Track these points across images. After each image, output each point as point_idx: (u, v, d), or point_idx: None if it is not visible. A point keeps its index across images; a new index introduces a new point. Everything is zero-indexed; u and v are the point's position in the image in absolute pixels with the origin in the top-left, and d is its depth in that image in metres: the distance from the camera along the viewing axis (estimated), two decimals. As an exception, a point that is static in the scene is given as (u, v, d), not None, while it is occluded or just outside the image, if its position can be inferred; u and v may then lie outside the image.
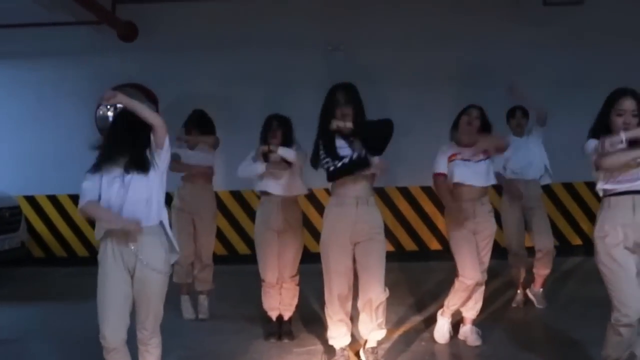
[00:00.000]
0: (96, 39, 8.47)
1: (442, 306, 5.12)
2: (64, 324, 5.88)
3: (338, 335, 4.50)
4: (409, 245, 8.60)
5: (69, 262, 8.84)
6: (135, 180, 3.48)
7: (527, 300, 6.09)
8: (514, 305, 6.08)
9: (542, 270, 5.99)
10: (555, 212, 7.91)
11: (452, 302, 4.97)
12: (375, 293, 4.35)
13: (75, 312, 6.13)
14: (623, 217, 3.62)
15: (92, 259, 8.52)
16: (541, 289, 6.05)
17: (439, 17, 8.33)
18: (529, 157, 5.95)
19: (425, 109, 7.78)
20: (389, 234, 8.16)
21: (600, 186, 3.73)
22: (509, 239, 6.06)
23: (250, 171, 5.22)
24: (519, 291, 6.11)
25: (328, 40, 8.48)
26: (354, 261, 4.45)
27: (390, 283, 4.51)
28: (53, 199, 8.88)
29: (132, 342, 3.66)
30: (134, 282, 3.56)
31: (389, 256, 4.47)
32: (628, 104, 3.66)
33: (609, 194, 3.70)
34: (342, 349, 4.56)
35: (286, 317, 5.31)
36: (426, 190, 8.11)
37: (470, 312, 5.03)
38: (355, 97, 4.41)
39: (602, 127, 3.74)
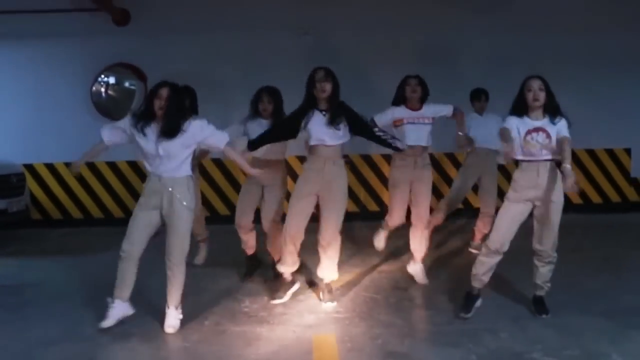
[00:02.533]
0: (92, 23, 9.17)
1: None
2: (63, 276, 6.63)
3: (291, 262, 5.29)
4: (372, 206, 9.59)
5: (64, 224, 9.58)
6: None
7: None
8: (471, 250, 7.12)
9: (483, 229, 7.02)
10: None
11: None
12: (329, 235, 5.18)
13: (72, 266, 6.96)
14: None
15: (85, 221, 9.35)
16: (480, 242, 6.98)
17: (400, 5, 9.18)
18: (488, 130, 6.66)
19: (390, 85, 8.62)
20: (354, 197, 9.16)
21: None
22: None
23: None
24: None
25: (298, 24, 9.26)
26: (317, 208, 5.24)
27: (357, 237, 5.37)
28: (50, 166, 9.61)
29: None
30: (166, 216, 4.50)
31: (354, 216, 5.30)
32: (535, 83, 4.65)
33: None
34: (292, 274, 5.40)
35: (276, 258, 5.78)
36: (386, 157, 8.86)
37: (419, 252, 5.92)
38: (333, 75, 5.10)
39: (519, 104, 4.74)
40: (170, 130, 4.42)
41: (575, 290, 5.44)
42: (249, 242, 6.17)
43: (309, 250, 5.54)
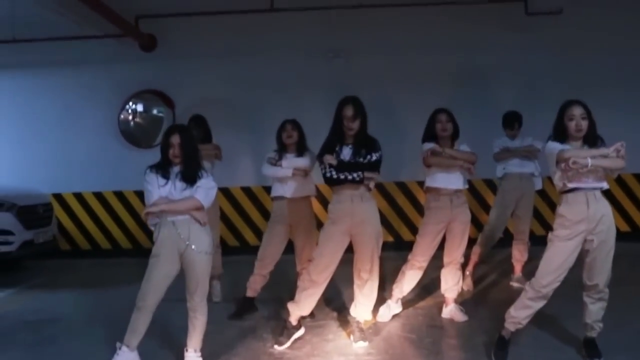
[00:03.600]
0: (119, 49, 9.08)
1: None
2: (86, 310, 6.48)
3: (306, 306, 4.94)
4: (407, 235, 9.16)
5: (92, 254, 9.43)
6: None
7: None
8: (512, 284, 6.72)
9: (521, 257, 6.70)
10: (540, 202, 8.45)
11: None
12: (366, 272, 4.88)
13: (97, 300, 6.81)
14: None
15: (114, 252, 9.25)
16: (520, 274, 6.73)
17: (432, 27, 8.90)
18: (521, 156, 6.58)
19: (421, 108, 8.34)
20: (388, 226, 8.84)
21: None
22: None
23: (275, 173, 5.67)
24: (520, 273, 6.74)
25: (330, 47, 9.05)
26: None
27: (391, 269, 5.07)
28: (78, 196, 9.47)
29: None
30: (184, 262, 4.30)
31: (386, 245, 5.03)
32: (577, 110, 4.27)
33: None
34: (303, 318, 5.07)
35: None
36: (420, 183, 8.49)
37: (451, 292, 5.58)
38: (361, 110, 4.82)
39: (558, 131, 4.38)
40: (191, 178, 4.31)
41: (626, 329, 4.97)
42: (257, 283, 5.87)
43: (340, 281, 5.21)
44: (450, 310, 5.60)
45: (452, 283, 5.55)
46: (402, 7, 8.44)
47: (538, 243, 6.71)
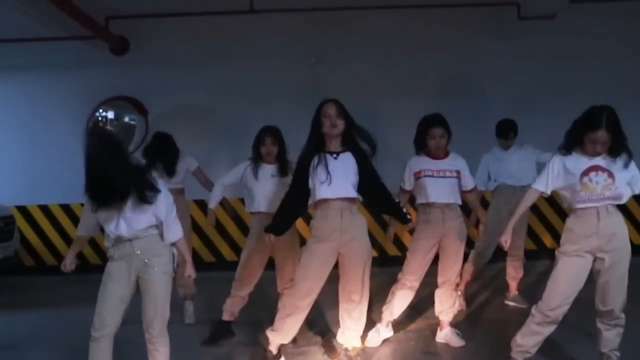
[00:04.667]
0: (89, 53, 8.56)
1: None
2: (56, 331, 5.99)
3: (286, 333, 4.47)
4: (393, 250, 8.76)
5: (59, 271, 8.77)
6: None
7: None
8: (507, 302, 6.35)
9: (516, 275, 6.32)
10: (532, 217, 8.13)
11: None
12: (356, 295, 4.42)
13: (67, 319, 6.30)
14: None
15: (81, 268, 8.70)
16: (517, 292, 6.35)
17: (419, 32, 8.53)
18: (515, 165, 6.21)
19: (406, 117, 8.01)
20: (372, 241, 8.40)
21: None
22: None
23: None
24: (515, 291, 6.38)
25: (312, 53, 8.64)
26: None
27: (376, 288, 4.66)
28: (44, 208, 8.94)
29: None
30: (141, 285, 3.80)
31: (372, 262, 4.60)
32: (601, 135, 3.82)
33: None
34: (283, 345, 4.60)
35: None
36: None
37: (447, 315, 5.16)
38: (344, 110, 4.41)
39: (574, 138, 3.97)
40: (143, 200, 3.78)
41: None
42: (235, 306, 5.38)
43: (323, 300, 4.77)
44: (445, 335, 5.17)
45: (447, 305, 5.11)
46: (389, 9, 8.03)
47: (530, 258, 6.43)
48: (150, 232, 3.82)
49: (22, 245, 8.71)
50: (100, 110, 8.88)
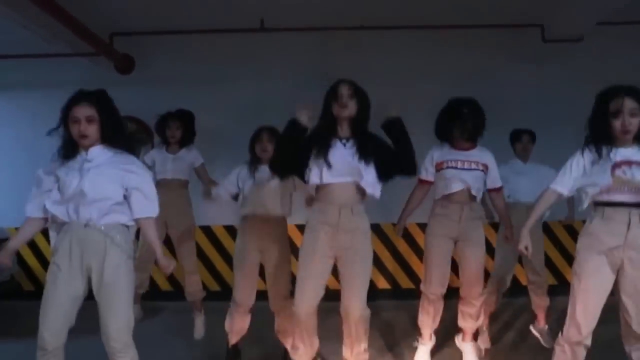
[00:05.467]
0: (93, 70, 8.24)
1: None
2: None
3: (307, 349, 4.18)
4: (404, 282, 8.35)
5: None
6: None
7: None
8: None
9: (542, 303, 5.91)
10: (552, 249, 7.79)
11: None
12: (357, 308, 4.04)
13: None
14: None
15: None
16: (546, 326, 5.89)
17: (439, 54, 8.21)
18: (532, 180, 5.74)
19: (424, 144, 7.68)
20: (384, 271, 8.03)
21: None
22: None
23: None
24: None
25: (325, 74, 8.29)
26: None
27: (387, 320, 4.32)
28: (45, 231, 8.52)
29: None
30: (94, 284, 3.35)
31: (386, 294, 4.28)
32: (628, 103, 3.47)
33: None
34: None
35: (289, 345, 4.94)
36: (421, 226, 7.88)
37: (470, 330, 4.93)
38: (361, 93, 4.22)
39: (598, 131, 3.57)
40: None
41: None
42: (240, 327, 5.04)
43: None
44: (464, 348, 4.96)
45: (471, 321, 4.84)
46: (407, 29, 7.66)
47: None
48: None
49: (22, 269, 8.42)
50: (105, 131, 8.55)
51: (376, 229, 7.76)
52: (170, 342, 5.97)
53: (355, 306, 4.02)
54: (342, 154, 4.02)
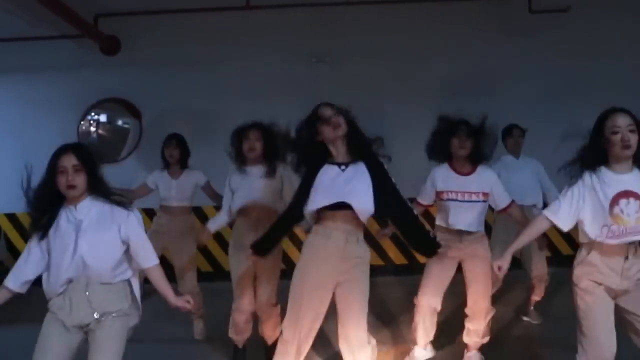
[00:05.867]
0: (78, 53, 8.18)
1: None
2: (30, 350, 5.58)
3: None
4: (399, 259, 8.37)
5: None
6: None
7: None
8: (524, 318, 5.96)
9: (534, 297, 5.91)
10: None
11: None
12: (359, 336, 3.73)
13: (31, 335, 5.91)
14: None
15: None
16: (532, 307, 5.96)
17: (424, 28, 8.15)
18: (524, 180, 5.69)
19: (412, 119, 7.66)
20: (379, 249, 8.03)
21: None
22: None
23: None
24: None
25: (312, 51, 8.26)
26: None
27: (380, 299, 4.28)
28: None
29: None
30: (89, 336, 3.29)
31: (380, 270, 4.19)
32: (622, 120, 3.35)
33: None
34: None
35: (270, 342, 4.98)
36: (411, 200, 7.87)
37: (475, 344, 4.77)
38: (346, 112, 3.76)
39: (596, 151, 3.44)
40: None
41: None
42: (244, 331, 4.98)
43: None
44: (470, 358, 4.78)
45: (475, 337, 4.71)
46: (393, 4, 7.65)
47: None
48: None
49: (12, 255, 8.34)
50: (92, 113, 8.54)
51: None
52: (164, 323, 5.96)
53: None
54: (339, 183, 3.68)
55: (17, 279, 3.36)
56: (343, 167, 3.69)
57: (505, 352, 5.05)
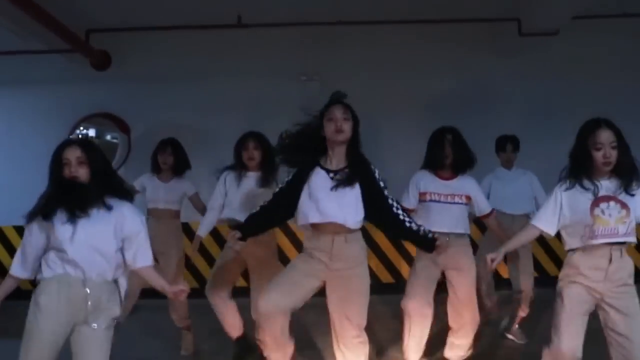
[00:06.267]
0: (69, 67, 8.21)
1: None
2: None
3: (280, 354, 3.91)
4: (385, 277, 8.39)
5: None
6: None
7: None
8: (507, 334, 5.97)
9: (521, 312, 5.90)
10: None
11: None
12: (350, 337, 3.78)
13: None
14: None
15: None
16: (517, 325, 5.95)
17: (415, 46, 8.26)
18: (516, 190, 5.77)
19: (401, 138, 7.72)
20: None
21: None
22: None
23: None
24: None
25: (303, 70, 8.32)
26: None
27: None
28: (20, 230, 8.51)
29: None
30: (74, 338, 3.28)
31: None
32: (605, 135, 3.48)
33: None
34: None
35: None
36: None
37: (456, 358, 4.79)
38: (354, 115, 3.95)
39: (579, 162, 3.58)
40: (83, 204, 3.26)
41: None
42: (229, 318, 5.05)
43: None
44: None
45: (458, 351, 4.74)
46: (383, 24, 7.68)
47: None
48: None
49: (-2, 268, 8.30)
50: (81, 128, 8.54)
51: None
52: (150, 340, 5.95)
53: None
54: (329, 193, 3.76)
55: (24, 267, 3.44)
56: (332, 174, 3.78)
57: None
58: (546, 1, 6.87)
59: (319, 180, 3.77)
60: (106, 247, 3.28)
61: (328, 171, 3.79)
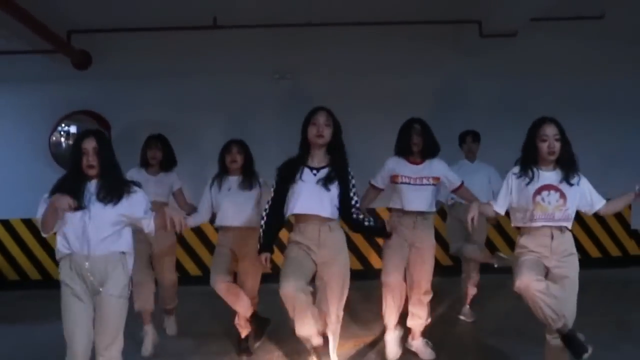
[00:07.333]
0: (50, 67, 8.43)
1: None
2: (14, 349, 5.88)
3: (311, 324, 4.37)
4: (355, 264, 8.67)
5: (21, 286, 8.73)
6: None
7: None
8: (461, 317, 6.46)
9: (472, 292, 6.47)
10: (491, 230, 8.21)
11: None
12: (331, 321, 4.45)
13: (29, 336, 6.24)
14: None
15: (44, 282, 8.56)
16: (468, 306, 6.49)
17: (382, 46, 8.58)
18: (476, 181, 6.09)
19: (371, 134, 8.01)
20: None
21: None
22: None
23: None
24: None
25: (275, 69, 8.67)
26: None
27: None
28: (5, 223, 8.80)
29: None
30: (95, 307, 3.72)
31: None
32: (550, 130, 4.03)
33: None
34: None
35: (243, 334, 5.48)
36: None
37: (418, 327, 5.29)
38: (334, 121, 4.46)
39: (529, 154, 4.14)
40: (116, 192, 3.74)
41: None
42: (239, 300, 5.32)
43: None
44: (417, 345, 5.31)
45: (419, 320, 5.25)
46: (352, 25, 8.01)
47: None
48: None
49: (5, 259, 8.71)
50: (62, 125, 8.78)
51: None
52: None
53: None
54: (312, 187, 4.35)
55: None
56: (315, 171, 4.38)
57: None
58: (505, 4, 7.22)
59: (304, 176, 4.37)
60: (110, 223, 3.75)
61: (311, 168, 4.39)
